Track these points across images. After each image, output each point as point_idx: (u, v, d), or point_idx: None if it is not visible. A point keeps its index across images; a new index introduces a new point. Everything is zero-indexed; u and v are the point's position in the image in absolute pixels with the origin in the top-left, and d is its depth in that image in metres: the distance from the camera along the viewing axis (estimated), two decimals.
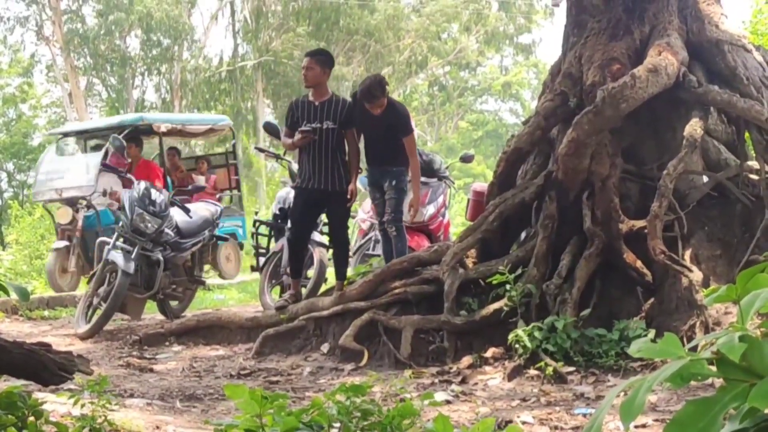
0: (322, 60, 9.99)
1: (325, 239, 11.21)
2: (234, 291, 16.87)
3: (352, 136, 10.01)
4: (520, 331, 8.12)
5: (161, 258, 11.42)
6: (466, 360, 8.34)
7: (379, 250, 11.21)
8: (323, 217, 11.02)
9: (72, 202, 15.96)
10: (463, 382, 7.90)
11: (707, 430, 1.62)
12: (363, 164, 10.60)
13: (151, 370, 8.86)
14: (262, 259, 12.14)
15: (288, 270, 10.67)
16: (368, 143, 10.22)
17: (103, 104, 47.44)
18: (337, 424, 4.37)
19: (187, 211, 11.89)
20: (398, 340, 8.72)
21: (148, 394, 7.54)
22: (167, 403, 7.18)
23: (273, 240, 12.32)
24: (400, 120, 10.01)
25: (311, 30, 40.88)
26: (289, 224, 10.91)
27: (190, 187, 14.39)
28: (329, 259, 11.04)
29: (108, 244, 11.27)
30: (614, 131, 9.07)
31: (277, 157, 12.97)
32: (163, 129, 17.32)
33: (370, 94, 9.80)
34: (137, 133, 16.73)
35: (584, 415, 6.43)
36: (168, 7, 39.03)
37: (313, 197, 9.97)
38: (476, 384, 7.86)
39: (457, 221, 21.48)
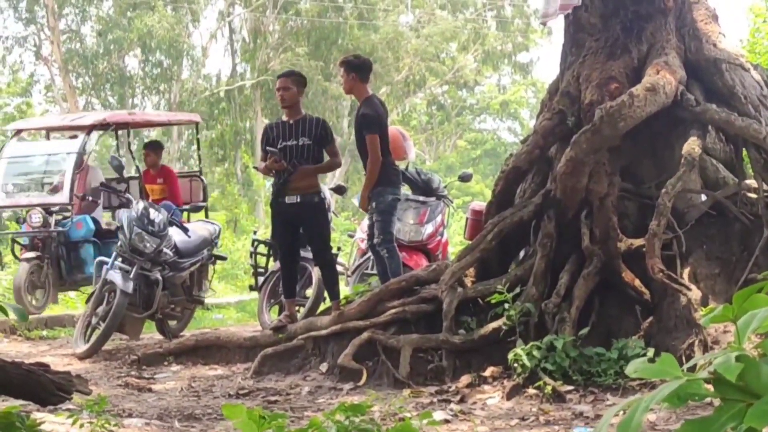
0: (298, 80, 10.34)
1: None
2: (232, 310, 16.86)
3: (332, 151, 10.12)
4: (518, 350, 8.11)
5: (160, 277, 11.40)
6: (465, 379, 8.34)
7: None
8: None
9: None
10: (462, 401, 7.89)
11: None
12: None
13: (150, 390, 8.85)
14: (260, 279, 12.14)
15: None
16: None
17: None
18: None
19: (185, 230, 11.90)
20: (397, 359, 8.71)
21: (146, 413, 7.53)
22: (166, 422, 7.17)
23: (272, 259, 12.33)
24: (362, 112, 10.19)
25: (310, 50, 40.94)
26: None
27: (188, 207, 14.33)
28: None
29: (106, 263, 11.27)
30: (612, 150, 9.08)
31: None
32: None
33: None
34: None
35: None
36: (168, 25, 39.09)
37: (288, 211, 10.03)
38: (475, 403, 7.86)
39: (456, 240, 21.48)
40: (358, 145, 10.42)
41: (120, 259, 11.23)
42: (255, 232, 15.96)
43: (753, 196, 9.31)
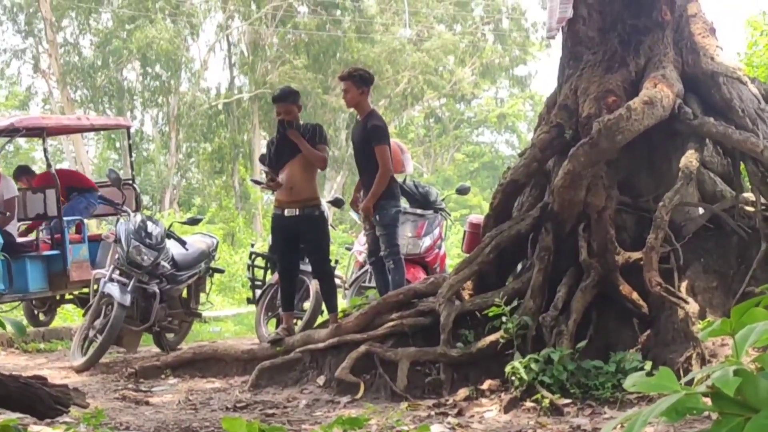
0: (294, 100, 10.29)
1: None
2: (230, 323, 16.84)
3: (320, 148, 10.10)
4: (516, 363, 8.10)
5: (157, 290, 11.40)
6: (463, 392, 8.32)
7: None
8: None
9: None
10: (460, 414, 7.88)
11: None
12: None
13: (147, 403, 8.83)
14: (258, 292, 12.13)
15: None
16: (355, 160, 10.73)
17: (100, 137, 47.51)
18: None
19: (183, 243, 11.90)
20: (394, 372, 8.70)
21: (143, 427, 7.52)
22: None
23: (269, 272, 12.33)
24: (373, 124, 10.21)
25: (308, 62, 40.98)
26: None
27: (186, 219, 14.31)
28: None
29: (104, 276, 11.27)
30: (610, 163, 9.09)
31: (273, 189, 12.99)
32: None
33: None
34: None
35: None
36: (167, 38, 39.09)
37: (288, 225, 10.05)
38: (473, 416, 7.84)
39: (454, 253, 21.48)
40: (361, 157, 10.42)
41: (117, 272, 11.23)
42: (252, 245, 15.95)
43: (750, 209, 9.31)
